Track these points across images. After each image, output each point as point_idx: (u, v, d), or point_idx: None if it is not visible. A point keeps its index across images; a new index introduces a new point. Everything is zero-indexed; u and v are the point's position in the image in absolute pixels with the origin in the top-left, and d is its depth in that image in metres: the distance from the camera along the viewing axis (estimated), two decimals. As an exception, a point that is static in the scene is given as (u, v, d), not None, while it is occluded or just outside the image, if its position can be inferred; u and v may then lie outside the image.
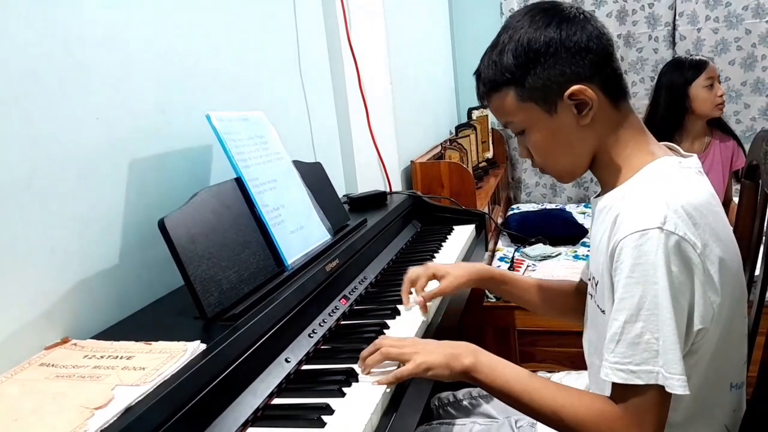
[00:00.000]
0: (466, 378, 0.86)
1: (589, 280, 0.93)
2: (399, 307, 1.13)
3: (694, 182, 0.82)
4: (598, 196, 0.90)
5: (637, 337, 0.74)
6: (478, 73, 0.90)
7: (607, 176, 0.88)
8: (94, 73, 0.94)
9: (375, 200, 1.65)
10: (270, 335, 0.89)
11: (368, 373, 0.87)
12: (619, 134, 0.86)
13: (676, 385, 0.73)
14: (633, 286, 0.74)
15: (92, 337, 0.85)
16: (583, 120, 0.84)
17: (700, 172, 0.85)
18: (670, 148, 0.90)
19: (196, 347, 0.77)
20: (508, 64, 0.84)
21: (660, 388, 0.74)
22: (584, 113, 0.83)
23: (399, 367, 0.88)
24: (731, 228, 0.86)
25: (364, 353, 0.90)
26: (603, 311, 0.86)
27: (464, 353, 0.86)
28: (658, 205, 0.75)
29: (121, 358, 0.76)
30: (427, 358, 0.86)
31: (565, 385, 0.83)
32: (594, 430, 0.77)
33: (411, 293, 1.15)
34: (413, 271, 1.15)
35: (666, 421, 0.76)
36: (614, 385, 0.77)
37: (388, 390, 0.84)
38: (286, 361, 0.90)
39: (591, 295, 0.92)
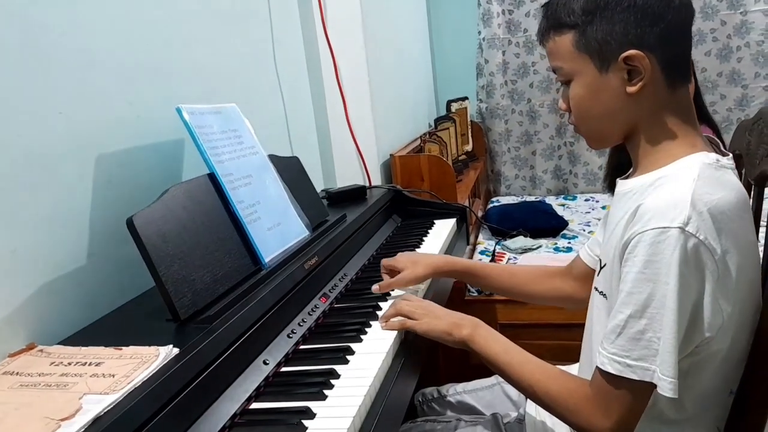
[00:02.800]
0: (463, 346, 0.96)
1: (598, 259, 0.93)
2: (381, 303, 1.12)
3: (728, 184, 0.80)
4: (626, 177, 0.89)
5: (640, 333, 0.75)
6: (546, 6, 0.88)
7: (641, 157, 0.86)
8: (55, 64, 0.90)
9: (354, 195, 1.63)
10: (247, 337, 0.87)
11: (385, 325, 1.00)
12: (665, 117, 0.84)
13: (668, 387, 0.74)
14: (643, 283, 0.75)
15: (59, 343, 0.82)
16: (631, 88, 0.82)
17: (735, 172, 0.84)
18: (711, 142, 0.88)
19: (169, 351, 0.74)
20: (576, 6, 0.83)
21: (646, 386, 0.75)
22: (634, 82, 0.82)
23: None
24: (755, 236, 0.85)
25: (385, 312, 1.03)
26: (602, 293, 0.88)
27: (466, 325, 0.96)
28: (684, 203, 0.74)
29: (90, 364, 0.73)
30: (432, 322, 0.98)
31: (547, 364, 0.89)
32: (562, 406, 0.83)
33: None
34: (385, 261, 1.21)
35: (632, 417, 0.78)
36: (600, 372, 0.78)
37: (369, 391, 0.82)
38: (264, 363, 0.88)
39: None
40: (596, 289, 0.91)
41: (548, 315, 1.95)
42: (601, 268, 0.90)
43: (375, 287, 1.16)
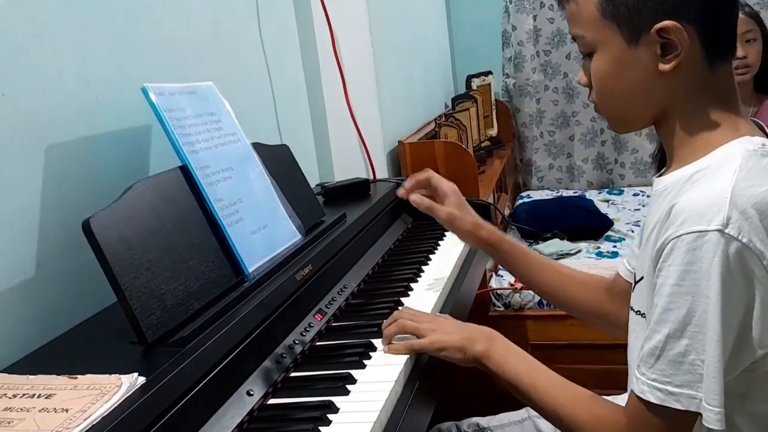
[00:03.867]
0: (477, 364, 0.96)
1: (633, 274, 0.93)
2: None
3: None
4: (662, 174, 0.89)
5: (681, 355, 0.76)
6: None
7: (676, 147, 0.87)
8: (-3, 37, 0.90)
9: (355, 190, 1.63)
10: (227, 363, 0.87)
11: (388, 344, 1.00)
12: (703, 99, 0.84)
13: (714, 419, 0.74)
14: (681, 297, 0.75)
15: (3, 370, 0.81)
16: (664, 65, 0.82)
17: None
18: (757, 126, 0.88)
19: (134, 381, 0.74)
20: None
21: (689, 416, 0.76)
22: (668, 58, 0.82)
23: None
24: None
25: (384, 324, 1.03)
26: (638, 312, 0.89)
27: (480, 338, 0.97)
28: (722, 201, 0.74)
29: (39, 396, 0.73)
30: (442, 338, 0.98)
31: (577, 386, 0.90)
32: None
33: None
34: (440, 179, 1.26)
35: None
36: (638, 399, 0.79)
37: (374, 429, 0.81)
38: (248, 394, 0.88)
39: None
40: (632, 308, 0.92)
41: (590, 334, 1.94)
42: (637, 282, 0.90)
43: (401, 191, 1.23)
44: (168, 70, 1.25)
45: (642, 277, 0.88)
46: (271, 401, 0.90)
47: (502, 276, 2.27)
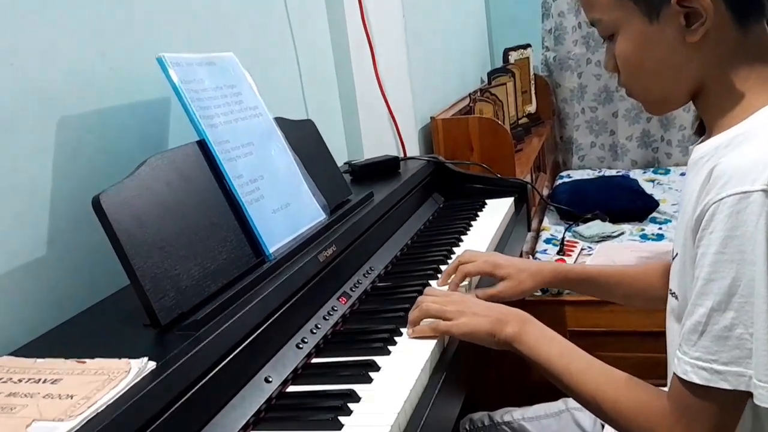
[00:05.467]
0: (508, 348, 0.93)
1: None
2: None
3: None
4: (700, 142, 0.86)
5: (726, 329, 0.73)
6: None
7: (713, 116, 0.84)
8: (3, 3, 0.88)
9: (385, 168, 1.60)
10: (244, 347, 0.84)
11: (413, 332, 0.97)
12: (739, 64, 0.81)
13: (767, 396, 0.71)
14: (724, 265, 0.73)
15: (10, 353, 0.80)
16: (691, 36, 0.79)
17: None
18: None
19: (143, 366, 0.72)
20: None
21: (739, 396, 0.73)
22: (694, 27, 0.79)
23: None
24: None
25: (410, 311, 1.00)
26: (673, 294, 0.86)
27: (511, 320, 0.94)
28: (767, 159, 0.71)
29: (45, 381, 0.71)
30: (471, 321, 0.95)
31: (615, 369, 0.88)
32: (633, 422, 0.82)
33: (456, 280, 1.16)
34: (471, 255, 1.18)
35: None
36: (681, 381, 0.76)
37: (398, 419, 0.78)
38: (266, 381, 0.86)
39: None
40: (670, 290, 0.89)
41: (631, 320, 1.89)
42: (673, 260, 0.87)
43: (478, 293, 1.12)
44: (187, 40, 1.23)
45: (677, 254, 0.85)
46: (291, 389, 0.88)
47: (539, 259, 2.22)
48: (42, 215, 0.92)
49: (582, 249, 2.26)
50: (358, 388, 0.84)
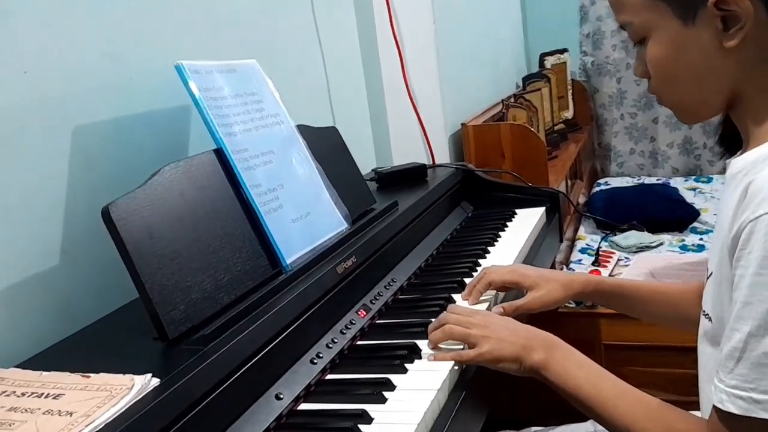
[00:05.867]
0: (535, 375, 0.90)
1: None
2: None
3: None
4: (738, 155, 0.82)
5: (765, 356, 0.69)
6: None
7: (750, 127, 0.80)
8: (19, 11, 0.87)
9: (411, 176, 1.58)
10: (255, 363, 0.82)
11: (434, 349, 0.94)
12: None
13: None
14: (763, 288, 0.69)
15: (19, 365, 0.79)
16: (729, 41, 0.75)
17: None
18: None
19: (146, 383, 0.70)
20: None
21: None
22: (732, 32, 0.75)
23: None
24: None
25: (430, 327, 0.97)
26: (706, 315, 0.82)
27: (537, 346, 0.90)
28: None
29: (47, 396, 0.70)
30: (496, 347, 0.90)
31: (650, 397, 0.84)
32: None
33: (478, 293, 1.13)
34: (495, 271, 1.14)
35: None
36: (719, 411, 0.73)
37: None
38: (277, 398, 0.83)
39: None
40: (703, 311, 0.84)
41: (669, 335, 1.82)
42: (707, 279, 0.83)
43: (497, 309, 1.07)
44: (208, 47, 1.22)
45: (711, 273, 0.80)
46: (302, 406, 0.85)
47: (573, 270, 2.16)
48: (55, 225, 0.92)
49: (618, 260, 2.19)
50: (371, 408, 0.81)
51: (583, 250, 2.30)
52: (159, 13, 1.11)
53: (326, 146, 1.27)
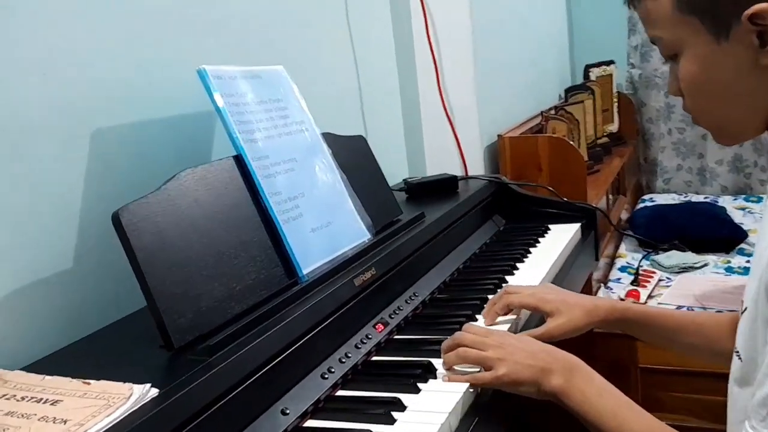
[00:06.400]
0: (553, 400, 0.86)
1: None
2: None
3: None
4: None
5: None
6: None
7: None
8: (37, 11, 0.87)
9: (442, 187, 1.56)
10: (261, 375, 0.80)
11: (448, 379, 0.90)
12: None
13: None
14: None
15: (24, 367, 0.79)
16: (766, 58, 0.71)
17: None
18: None
19: (144, 392, 0.68)
20: None
21: None
22: None
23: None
24: None
25: (444, 346, 0.93)
26: (737, 353, 0.79)
27: (557, 369, 0.85)
28: None
29: (45, 402, 0.69)
30: (512, 370, 0.86)
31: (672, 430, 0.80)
32: None
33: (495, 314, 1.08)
34: (516, 293, 1.08)
35: None
36: None
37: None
38: (283, 413, 0.81)
39: None
40: (735, 348, 0.80)
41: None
42: (742, 313, 0.78)
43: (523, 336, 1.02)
44: (235, 52, 1.21)
45: (746, 308, 0.76)
46: (308, 423, 0.82)
47: (611, 288, 2.10)
48: (71, 229, 0.92)
49: (659, 280, 2.12)
50: (378, 429, 0.78)
51: (623, 269, 2.24)
52: (186, 15, 1.11)
53: (352, 155, 1.24)
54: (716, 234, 2.37)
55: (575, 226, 1.56)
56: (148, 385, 0.70)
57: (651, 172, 3.31)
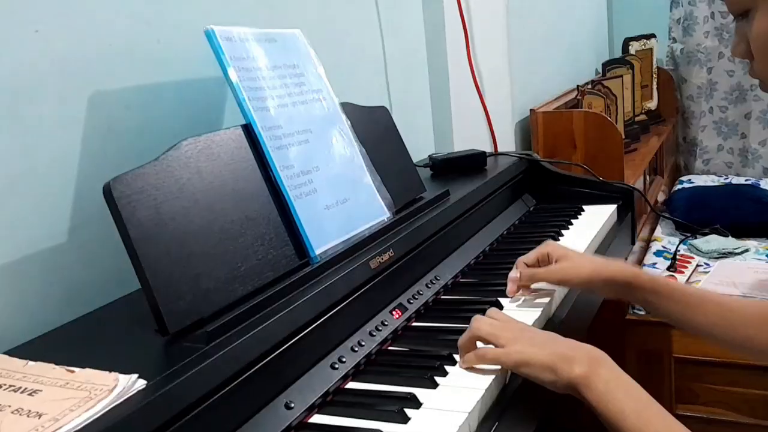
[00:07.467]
0: (572, 392, 0.78)
1: None
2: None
3: None
4: None
5: None
6: None
7: None
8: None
9: (469, 164, 1.47)
10: (264, 365, 0.73)
11: (462, 363, 0.84)
12: None
13: None
14: None
15: (9, 350, 0.73)
16: None
17: None
18: None
19: (129, 384, 0.62)
20: None
21: None
22: None
23: None
24: None
25: (460, 343, 0.85)
26: None
27: (580, 359, 0.78)
28: None
29: (24, 391, 0.63)
30: (526, 350, 0.80)
31: None
32: None
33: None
34: (527, 256, 1.07)
35: None
36: None
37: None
38: (287, 407, 0.74)
39: None
40: None
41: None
42: None
43: (513, 274, 1.03)
44: (253, 14, 1.14)
45: None
46: (314, 419, 0.76)
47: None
48: (65, 199, 0.85)
49: (698, 265, 2.03)
50: (389, 428, 0.71)
51: (658, 253, 2.15)
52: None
53: (374, 128, 1.17)
54: (758, 218, 2.29)
55: (611, 208, 1.46)
56: (135, 375, 0.63)
57: (690, 152, 3.20)
